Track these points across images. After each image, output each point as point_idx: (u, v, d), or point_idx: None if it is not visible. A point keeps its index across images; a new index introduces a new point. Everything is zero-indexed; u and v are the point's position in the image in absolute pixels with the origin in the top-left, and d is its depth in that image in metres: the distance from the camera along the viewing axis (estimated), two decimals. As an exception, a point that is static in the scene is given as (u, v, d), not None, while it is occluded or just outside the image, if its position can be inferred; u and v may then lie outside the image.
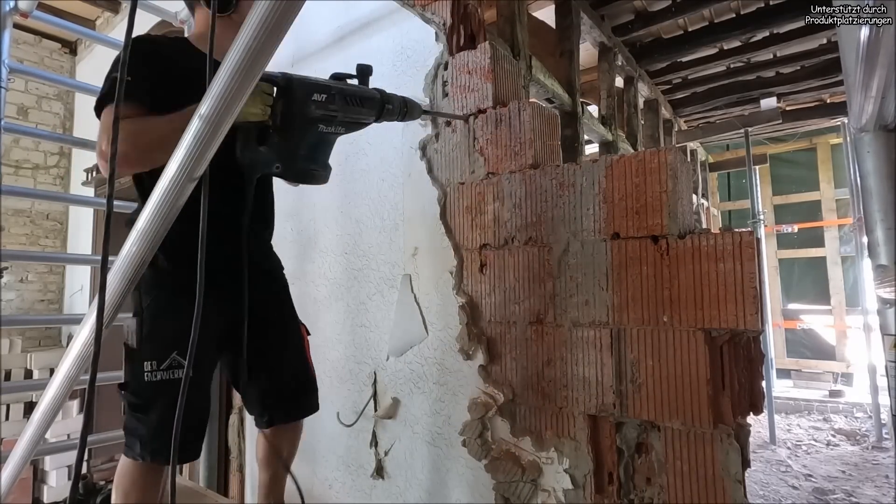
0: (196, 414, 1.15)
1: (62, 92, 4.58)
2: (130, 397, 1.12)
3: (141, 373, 1.09)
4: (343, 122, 1.15)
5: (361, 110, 1.17)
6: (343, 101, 1.11)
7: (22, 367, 3.66)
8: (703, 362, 1.10)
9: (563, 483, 1.31)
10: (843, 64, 1.45)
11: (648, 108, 4.26)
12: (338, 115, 1.11)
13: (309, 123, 1.07)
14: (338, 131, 1.15)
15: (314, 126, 1.09)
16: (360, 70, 1.22)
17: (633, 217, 1.22)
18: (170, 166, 0.81)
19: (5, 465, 1.16)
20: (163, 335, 1.11)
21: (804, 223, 5.66)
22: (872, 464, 3.73)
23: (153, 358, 1.09)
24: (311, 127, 1.09)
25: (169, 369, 1.09)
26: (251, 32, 0.70)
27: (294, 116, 1.03)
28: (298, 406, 1.36)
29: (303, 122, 1.06)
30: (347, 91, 1.14)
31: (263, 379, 1.29)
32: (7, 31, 1.67)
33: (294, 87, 1.02)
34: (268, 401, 1.31)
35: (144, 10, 1.99)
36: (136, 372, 1.10)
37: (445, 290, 1.60)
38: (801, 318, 5.72)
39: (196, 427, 1.17)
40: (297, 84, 1.03)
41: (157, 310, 1.13)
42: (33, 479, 3.29)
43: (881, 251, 1.75)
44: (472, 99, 1.56)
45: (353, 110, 1.15)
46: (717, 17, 3.37)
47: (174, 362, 1.10)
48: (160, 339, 1.11)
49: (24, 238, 4.31)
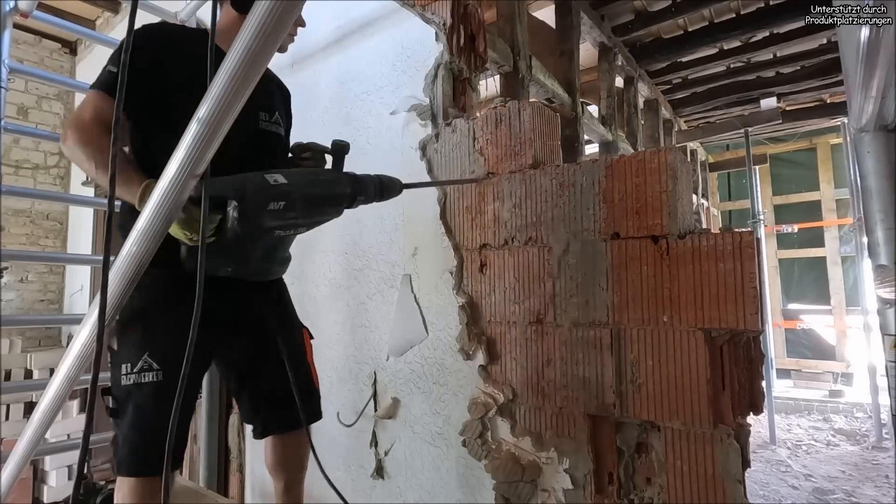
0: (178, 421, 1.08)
1: (62, 92, 4.58)
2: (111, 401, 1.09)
3: (119, 376, 1.06)
4: (304, 224, 1.07)
5: (326, 209, 1.07)
6: (305, 206, 1.01)
7: (22, 367, 3.66)
8: (703, 362, 1.10)
9: (563, 483, 1.31)
10: (843, 64, 1.45)
11: (648, 108, 4.26)
12: (297, 221, 1.03)
13: (263, 233, 0.99)
14: (298, 232, 1.09)
15: (270, 233, 1.01)
16: (336, 148, 1.14)
17: (633, 217, 1.22)
18: (170, 166, 0.81)
19: (5, 465, 1.16)
20: (135, 337, 1.08)
21: (804, 223, 5.66)
22: (872, 464, 3.74)
23: (128, 361, 1.06)
24: (266, 235, 1.01)
25: (140, 372, 1.05)
26: (250, 33, 0.70)
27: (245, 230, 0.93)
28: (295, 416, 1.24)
29: (256, 232, 0.97)
30: (313, 194, 1.03)
31: (254, 386, 1.24)
32: (7, 31, 1.68)
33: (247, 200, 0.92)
34: (260, 407, 1.25)
35: (144, 10, 1.99)
36: (115, 376, 1.07)
37: (445, 290, 1.60)
38: (801, 318, 5.72)
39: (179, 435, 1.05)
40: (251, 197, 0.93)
41: (132, 313, 1.08)
42: (33, 479, 3.28)
43: (881, 251, 1.75)
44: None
45: (318, 211, 1.05)
46: (717, 17, 3.37)
47: (145, 364, 1.05)
48: (132, 340, 1.08)
49: (24, 238, 4.31)
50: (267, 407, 1.25)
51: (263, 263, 1.07)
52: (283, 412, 1.25)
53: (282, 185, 0.96)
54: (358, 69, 1.98)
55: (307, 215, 1.03)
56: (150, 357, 1.05)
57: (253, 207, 0.93)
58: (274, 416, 1.25)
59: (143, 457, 1.04)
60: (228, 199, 0.91)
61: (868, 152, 1.77)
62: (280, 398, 1.24)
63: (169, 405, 0.88)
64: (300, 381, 1.24)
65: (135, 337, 1.07)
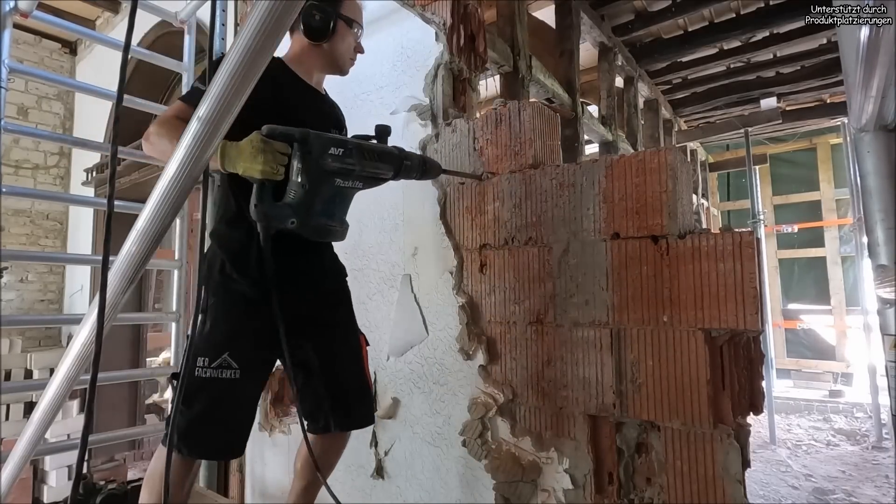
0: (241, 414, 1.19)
1: (62, 92, 4.58)
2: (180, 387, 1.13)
3: (193, 367, 1.12)
4: (361, 177, 1.14)
5: (379, 165, 1.17)
6: (360, 156, 1.11)
7: (22, 367, 3.66)
8: (703, 362, 1.10)
9: (563, 483, 1.31)
10: (843, 64, 1.45)
11: (648, 108, 4.26)
12: (355, 169, 1.11)
13: (326, 176, 1.07)
14: (355, 186, 1.15)
15: (331, 179, 1.08)
16: (378, 131, 1.23)
17: (633, 217, 1.22)
18: (170, 166, 0.81)
19: (5, 465, 1.16)
20: (218, 336, 1.14)
21: (804, 223, 5.66)
22: (872, 464, 3.74)
23: (206, 355, 1.12)
24: (328, 180, 1.08)
25: (219, 368, 1.12)
26: (250, 33, 0.70)
27: (310, 169, 1.04)
28: (353, 416, 1.33)
29: (319, 174, 1.05)
30: (365, 146, 1.14)
31: (321, 384, 1.28)
32: (7, 31, 1.67)
33: (310, 140, 1.03)
34: (324, 406, 1.30)
35: (144, 10, 1.98)
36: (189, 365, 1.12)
37: (445, 290, 1.60)
38: (801, 318, 5.72)
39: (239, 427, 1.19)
40: (314, 137, 1.04)
41: (217, 311, 1.16)
42: (33, 479, 3.28)
43: (881, 251, 1.74)
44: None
45: (371, 164, 1.14)
46: (717, 17, 3.37)
47: (224, 363, 1.13)
48: (215, 338, 1.14)
49: (24, 238, 4.31)
50: (331, 405, 1.30)
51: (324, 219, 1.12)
52: (344, 412, 1.32)
53: (339, 137, 1.10)
54: (358, 69, 1.96)
55: (363, 165, 1.12)
56: (230, 356, 1.13)
57: (317, 148, 1.03)
58: (336, 414, 1.31)
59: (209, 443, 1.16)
60: (294, 139, 1.02)
61: (868, 152, 1.77)
62: (343, 399, 1.31)
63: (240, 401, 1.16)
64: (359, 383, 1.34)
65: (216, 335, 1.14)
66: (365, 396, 1.36)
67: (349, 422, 1.33)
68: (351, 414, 1.32)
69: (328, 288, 1.34)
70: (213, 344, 1.14)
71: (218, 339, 1.14)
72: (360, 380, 1.35)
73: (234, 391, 1.14)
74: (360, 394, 1.34)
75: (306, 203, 1.05)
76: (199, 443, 1.14)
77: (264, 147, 0.99)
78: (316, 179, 1.05)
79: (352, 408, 1.32)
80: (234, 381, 1.13)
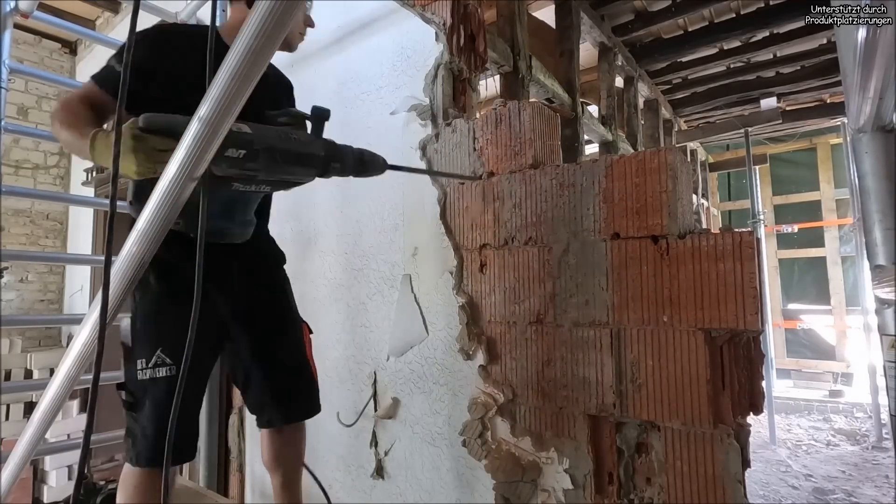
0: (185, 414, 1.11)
1: (62, 92, 4.57)
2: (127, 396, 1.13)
3: (134, 371, 1.10)
4: (267, 181, 1.02)
5: (294, 169, 1.01)
6: (269, 159, 0.94)
7: (22, 367, 3.66)
8: (703, 362, 1.10)
9: (563, 483, 1.31)
10: (841, 64, 1.45)
11: (648, 108, 4.26)
12: (258, 175, 0.97)
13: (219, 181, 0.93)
14: (260, 189, 1.04)
15: (226, 185, 0.96)
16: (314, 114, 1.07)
17: (633, 217, 1.22)
18: (169, 167, 0.81)
19: (5, 465, 1.16)
20: (149, 333, 1.11)
21: (804, 223, 5.66)
22: (872, 464, 3.74)
23: (142, 356, 1.10)
24: (223, 186, 0.96)
25: (154, 367, 1.09)
26: (251, 33, 0.70)
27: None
28: (295, 407, 1.31)
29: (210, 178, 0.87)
30: (279, 149, 0.96)
31: (260, 377, 1.26)
32: (7, 31, 1.68)
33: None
34: (265, 399, 1.28)
35: (144, 10, 1.98)
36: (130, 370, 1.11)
37: (445, 290, 1.60)
38: (801, 318, 5.72)
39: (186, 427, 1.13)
40: None
41: (145, 308, 1.13)
42: (33, 479, 3.28)
43: (879, 251, 1.74)
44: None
45: (282, 169, 0.98)
46: (717, 17, 3.37)
47: (159, 360, 1.09)
48: (147, 337, 1.11)
49: (24, 238, 4.30)
50: (271, 399, 1.28)
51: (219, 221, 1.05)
52: (285, 404, 1.29)
53: (244, 134, 0.90)
54: (358, 69, 1.98)
55: (270, 170, 0.96)
56: (163, 352, 1.09)
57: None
58: (277, 408, 1.29)
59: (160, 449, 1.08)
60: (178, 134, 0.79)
61: (866, 153, 1.77)
62: (283, 391, 1.29)
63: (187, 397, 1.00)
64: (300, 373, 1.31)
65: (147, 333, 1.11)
66: (307, 387, 1.33)
67: (290, 414, 1.30)
68: (291, 406, 1.29)
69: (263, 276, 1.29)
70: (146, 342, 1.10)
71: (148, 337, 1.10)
72: (300, 370, 1.31)
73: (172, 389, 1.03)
74: (301, 385, 1.31)
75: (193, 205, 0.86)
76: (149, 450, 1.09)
77: (138, 144, 0.83)
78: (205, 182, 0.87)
79: (293, 400, 1.29)
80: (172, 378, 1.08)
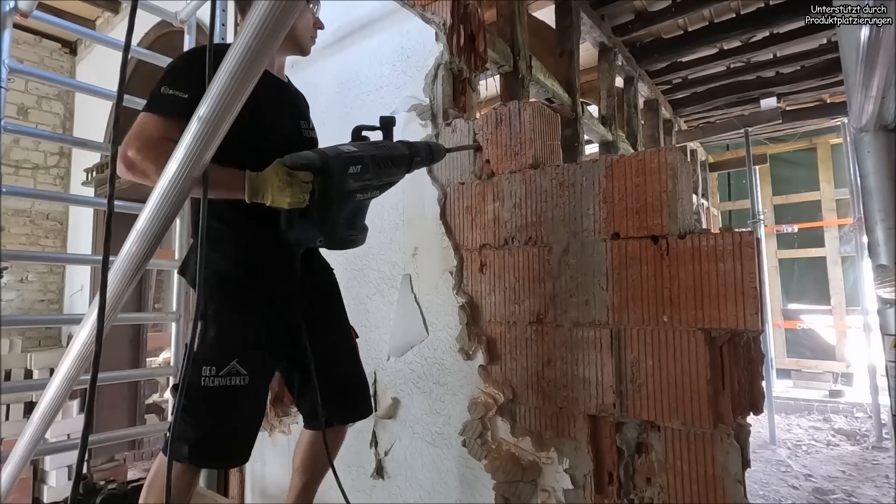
0: (250, 421, 1.19)
1: (62, 92, 4.58)
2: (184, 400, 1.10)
3: (198, 377, 1.10)
4: (377, 187, 1.16)
5: (393, 171, 1.18)
6: (376, 167, 1.12)
7: (22, 367, 3.66)
8: (703, 362, 1.10)
9: (563, 483, 1.31)
10: (843, 64, 1.45)
11: (648, 108, 4.26)
12: (372, 182, 1.13)
13: (347, 197, 1.09)
14: (373, 195, 1.17)
15: (352, 197, 1.11)
16: (383, 123, 1.25)
17: (633, 217, 1.22)
18: (170, 166, 0.81)
19: (5, 465, 1.15)
20: (224, 343, 1.13)
21: (804, 223, 5.66)
22: (872, 464, 3.73)
23: (212, 364, 1.11)
24: (350, 199, 1.10)
25: (227, 376, 1.11)
26: (251, 33, 0.70)
27: (332, 194, 1.05)
28: (356, 408, 1.36)
29: (341, 197, 1.07)
30: (379, 156, 1.14)
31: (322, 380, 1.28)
32: (7, 31, 1.67)
33: (330, 166, 1.04)
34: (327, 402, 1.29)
35: (144, 10, 1.99)
36: (192, 375, 1.11)
37: (445, 290, 1.60)
38: (801, 318, 5.72)
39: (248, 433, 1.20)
40: (333, 161, 1.04)
41: (220, 317, 1.14)
42: (33, 479, 3.28)
43: (881, 251, 1.74)
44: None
45: (386, 173, 1.16)
46: (717, 17, 3.37)
47: (233, 370, 1.12)
48: (221, 346, 1.12)
49: (24, 238, 4.31)
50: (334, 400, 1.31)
51: (347, 231, 1.15)
52: (346, 404, 1.34)
53: (354, 152, 1.09)
54: (358, 69, 1.98)
55: (379, 175, 1.13)
56: (240, 363, 1.13)
57: (337, 171, 1.04)
58: (340, 407, 1.32)
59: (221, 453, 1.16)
60: (315, 167, 1.02)
61: (868, 152, 1.77)
62: (344, 394, 1.34)
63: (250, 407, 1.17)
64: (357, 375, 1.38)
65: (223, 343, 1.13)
66: (365, 388, 1.40)
67: (353, 414, 1.36)
68: (357, 406, 1.36)
69: (323, 286, 1.36)
70: (221, 352, 1.12)
71: (225, 347, 1.13)
72: (357, 372, 1.38)
73: (244, 398, 1.14)
74: (360, 386, 1.38)
75: (331, 222, 1.08)
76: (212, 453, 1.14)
77: (290, 180, 0.99)
78: (338, 199, 1.07)
79: (356, 400, 1.36)
80: (243, 388, 1.13)
